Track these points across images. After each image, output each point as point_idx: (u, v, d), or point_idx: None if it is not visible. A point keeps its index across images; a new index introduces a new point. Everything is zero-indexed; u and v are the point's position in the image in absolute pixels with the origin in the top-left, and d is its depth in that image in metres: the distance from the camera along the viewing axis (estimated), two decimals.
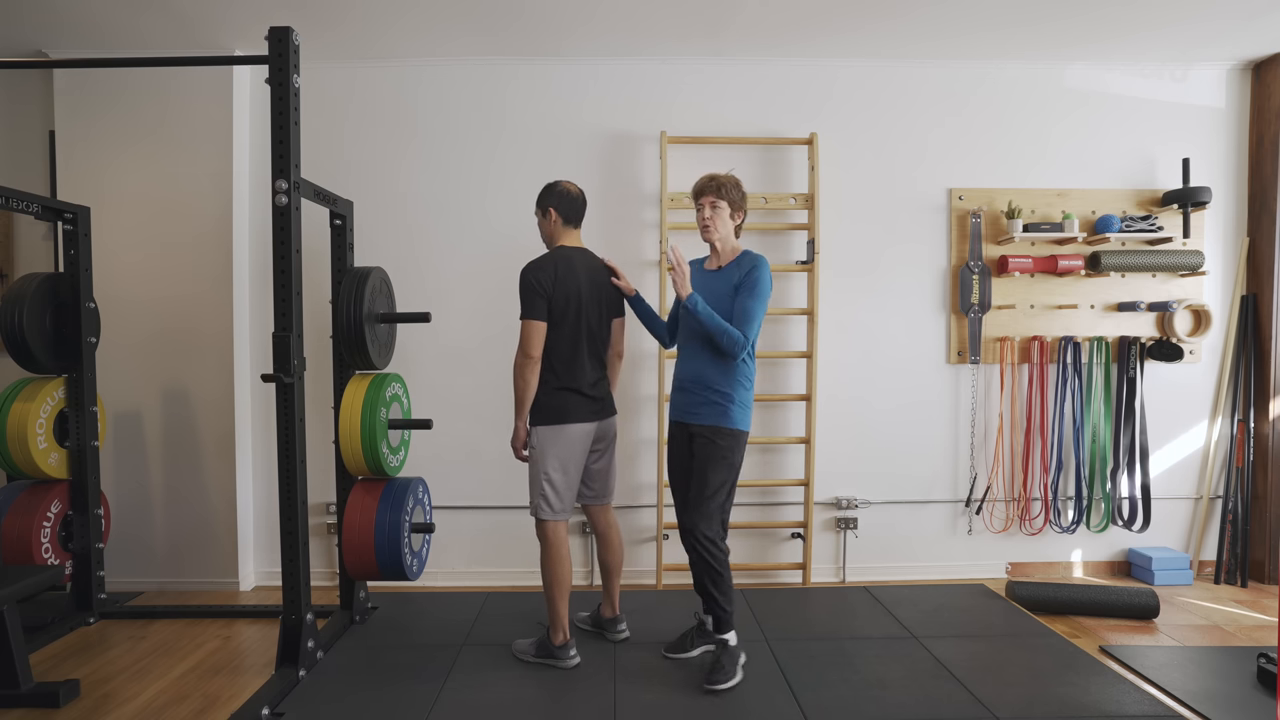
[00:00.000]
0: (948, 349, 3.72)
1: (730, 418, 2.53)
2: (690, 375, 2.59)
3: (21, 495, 3.00)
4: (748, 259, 2.57)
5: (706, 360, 2.55)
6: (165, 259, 3.49)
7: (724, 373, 2.53)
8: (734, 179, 2.62)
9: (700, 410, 2.55)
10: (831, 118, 3.65)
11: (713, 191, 2.58)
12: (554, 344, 2.59)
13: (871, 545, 3.71)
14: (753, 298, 2.50)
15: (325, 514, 3.61)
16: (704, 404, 2.54)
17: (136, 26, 3.26)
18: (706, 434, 2.53)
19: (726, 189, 2.58)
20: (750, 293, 2.50)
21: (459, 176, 3.62)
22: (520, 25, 3.28)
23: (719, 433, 2.52)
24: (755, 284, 2.50)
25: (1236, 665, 2.70)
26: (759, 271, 2.52)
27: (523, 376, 2.58)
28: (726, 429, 2.52)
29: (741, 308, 2.50)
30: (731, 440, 2.53)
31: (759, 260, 2.55)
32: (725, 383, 2.53)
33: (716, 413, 2.53)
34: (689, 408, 2.59)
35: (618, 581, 2.90)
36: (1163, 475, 3.75)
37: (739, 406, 2.54)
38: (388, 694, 2.48)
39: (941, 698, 2.44)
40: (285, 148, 2.45)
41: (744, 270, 2.54)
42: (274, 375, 2.47)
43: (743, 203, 2.62)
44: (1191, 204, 3.57)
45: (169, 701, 2.47)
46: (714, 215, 2.58)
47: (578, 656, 2.68)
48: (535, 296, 2.56)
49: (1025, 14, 3.18)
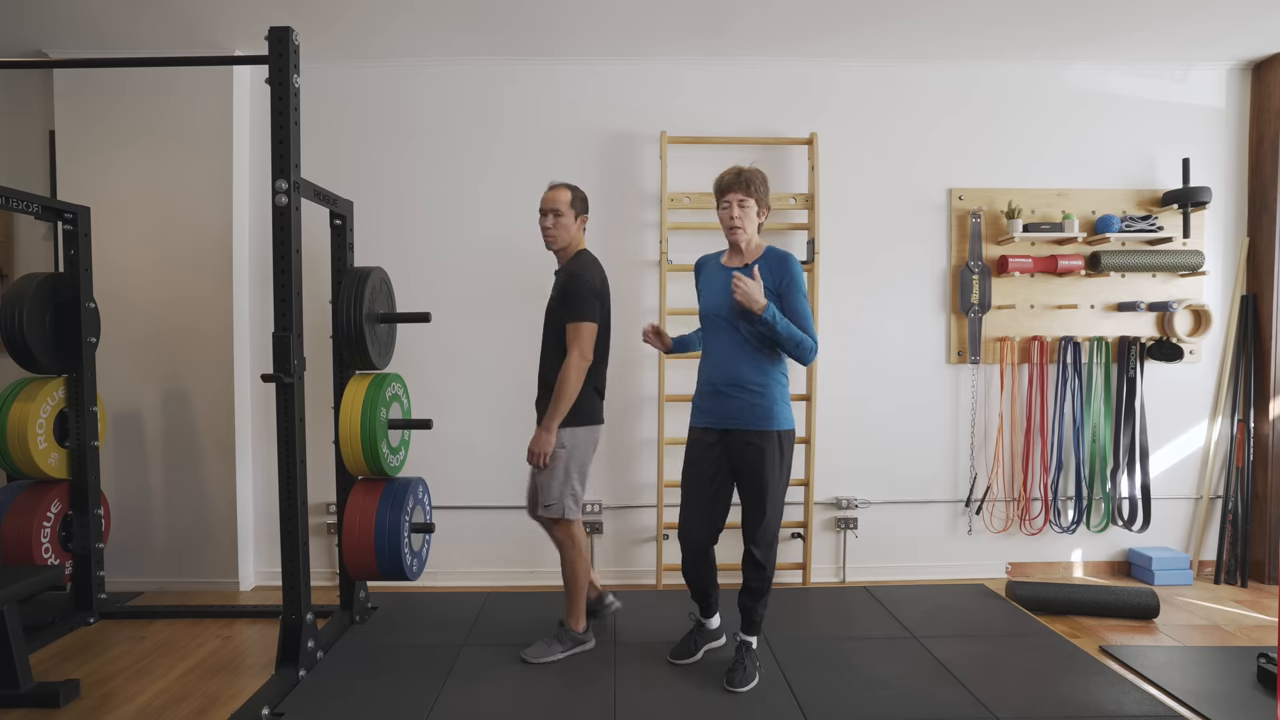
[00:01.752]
0: (948, 349, 3.72)
1: (777, 418, 2.40)
2: (725, 378, 2.42)
3: (21, 495, 3.00)
4: (778, 257, 2.43)
5: (743, 360, 2.40)
6: (165, 259, 3.49)
7: (761, 370, 2.39)
8: (761, 173, 2.46)
9: (741, 415, 2.40)
10: (831, 118, 3.65)
11: (740, 188, 2.41)
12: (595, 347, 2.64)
13: (871, 545, 3.71)
14: (803, 297, 2.40)
15: (325, 514, 3.61)
16: (744, 407, 2.39)
17: (136, 26, 3.26)
18: (754, 440, 2.38)
19: (754, 185, 2.42)
20: (799, 293, 2.39)
21: (458, 176, 3.62)
22: (519, 25, 3.28)
23: (766, 437, 2.39)
24: (798, 283, 2.39)
25: (1236, 665, 2.70)
26: (797, 268, 2.41)
27: (577, 381, 2.55)
28: (774, 431, 2.39)
29: (797, 311, 2.37)
30: (781, 441, 2.41)
31: (790, 258, 2.43)
32: (764, 381, 2.39)
33: (760, 415, 2.38)
34: (727, 412, 2.42)
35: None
36: (1163, 475, 3.75)
37: (782, 404, 2.42)
38: (388, 694, 2.48)
39: (941, 698, 2.44)
40: (285, 148, 2.45)
41: (781, 273, 2.39)
42: (274, 375, 2.47)
43: (768, 197, 2.49)
44: (1191, 204, 3.57)
45: (169, 701, 2.47)
46: (743, 214, 2.42)
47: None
48: (594, 299, 2.58)
49: (1025, 14, 3.18)
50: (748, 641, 2.56)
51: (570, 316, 2.56)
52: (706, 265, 2.61)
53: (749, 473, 2.42)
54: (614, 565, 3.70)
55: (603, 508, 3.68)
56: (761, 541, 2.46)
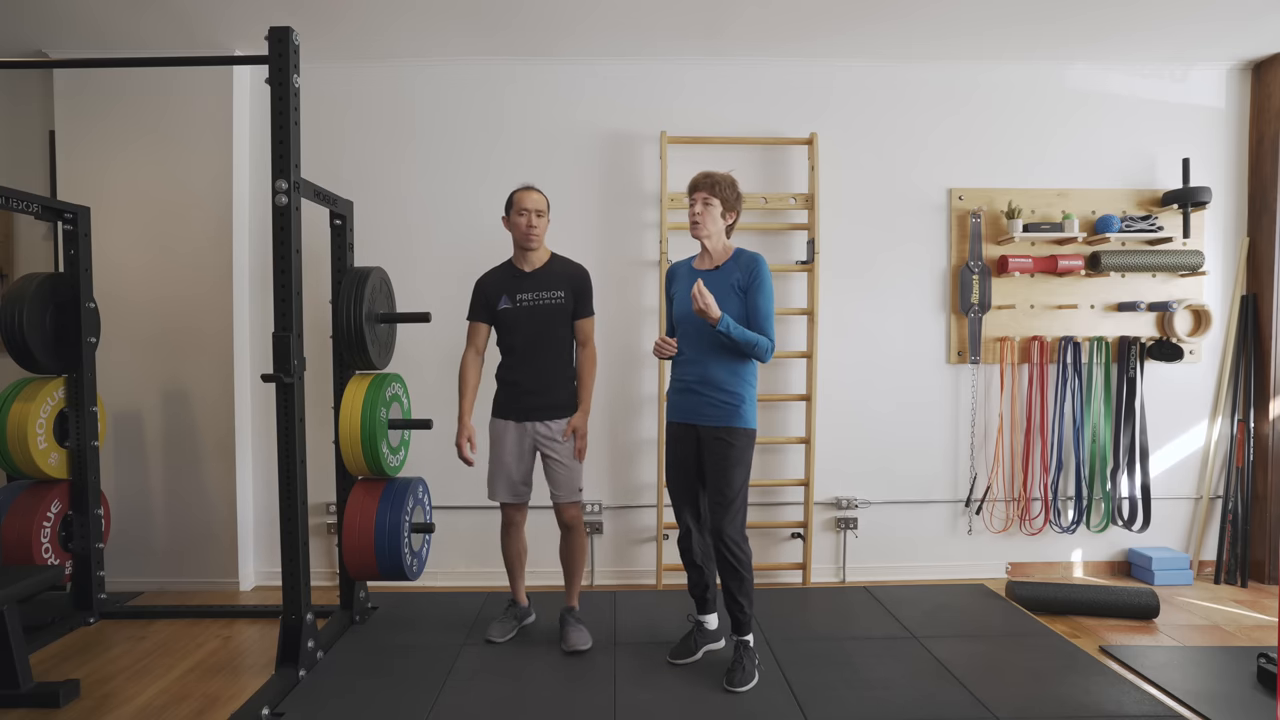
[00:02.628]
0: (948, 349, 3.72)
1: (742, 417, 2.52)
2: (696, 377, 2.55)
3: (21, 495, 3.00)
4: (747, 258, 2.56)
5: (714, 361, 2.52)
6: (165, 259, 3.49)
7: (732, 373, 2.52)
8: (730, 178, 2.59)
9: (709, 411, 2.52)
10: (831, 118, 3.65)
11: (706, 188, 2.55)
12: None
13: (871, 545, 3.71)
14: (766, 298, 2.51)
15: (325, 514, 3.61)
16: (713, 405, 2.52)
17: (136, 26, 3.25)
18: (721, 435, 2.51)
19: (720, 187, 2.55)
20: (762, 294, 2.50)
21: (458, 176, 3.62)
22: (520, 25, 3.28)
23: (733, 433, 2.50)
24: (764, 284, 2.51)
25: (1236, 665, 2.70)
26: (764, 270, 2.53)
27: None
28: (740, 429, 2.51)
29: (759, 311, 2.49)
30: (746, 439, 2.53)
31: (759, 259, 2.55)
32: (734, 383, 2.52)
33: (728, 413, 2.51)
34: (697, 409, 2.55)
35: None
36: (1163, 475, 3.74)
37: (749, 405, 2.54)
38: (388, 694, 2.48)
39: (941, 698, 2.44)
40: (285, 148, 2.45)
41: (748, 271, 2.52)
42: (274, 375, 2.47)
43: (737, 203, 2.59)
44: (1191, 204, 3.57)
45: (169, 701, 2.47)
46: (704, 212, 2.55)
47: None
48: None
49: (1025, 14, 3.18)
50: (744, 640, 2.58)
51: (589, 312, 2.81)
52: (678, 271, 2.71)
53: (715, 467, 2.52)
54: (614, 565, 3.70)
55: (603, 508, 3.68)
56: (731, 528, 2.50)
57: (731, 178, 2.60)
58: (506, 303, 2.75)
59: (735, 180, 2.61)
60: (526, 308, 2.74)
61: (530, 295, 2.74)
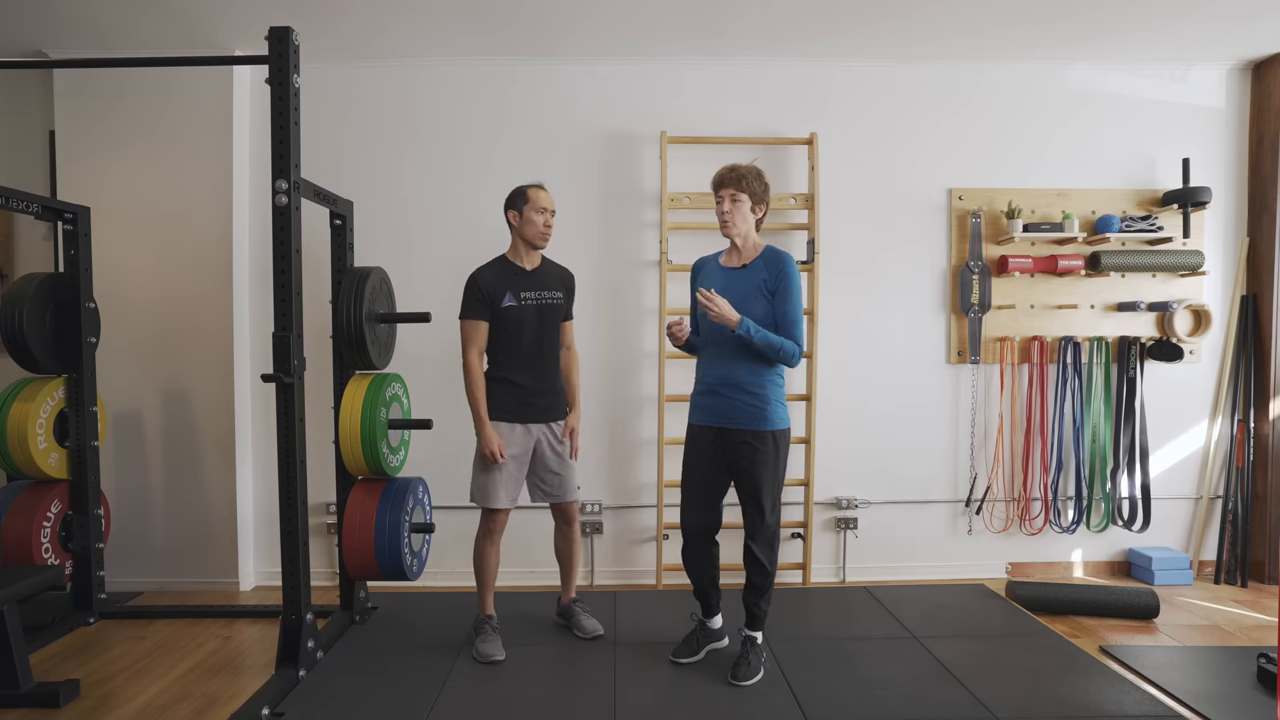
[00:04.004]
0: (948, 349, 3.72)
1: (769, 419, 2.44)
2: (720, 378, 2.47)
3: (21, 495, 3.00)
4: (775, 257, 2.47)
5: (737, 362, 2.44)
6: (165, 259, 3.49)
7: (756, 372, 2.43)
8: (756, 169, 2.49)
9: (736, 415, 2.44)
10: (832, 118, 3.65)
11: (733, 184, 2.45)
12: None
13: (871, 545, 3.71)
14: (794, 302, 2.42)
15: (325, 514, 3.61)
16: (739, 408, 2.44)
17: (136, 26, 3.25)
18: (747, 439, 2.43)
19: (748, 180, 2.45)
20: (790, 297, 2.42)
21: (459, 176, 3.62)
22: (520, 25, 3.28)
23: (759, 436, 2.43)
24: (792, 286, 2.42)
25: (1236, 665, 2.70)
26: (792, 270, 2.44)
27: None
28: (768, 431, 2.43)
29: (787, 315, 2.41)
30: (774, 441, 2.45)
31: (787, 259, 2.46)
32: (758, 383, 2.43)
33: (753, 416, 2.43)
34: (722, 412, 2.47)
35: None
36: (1163, 475, 3.74)
37: (776, 404, 2.46)
38: (388, 694, 2.48)
39: (941, 698, 2.44)
40: (285, 148, 2.45)
41: (775, 272, 2.43)
42: (274, 375, 2.47)
43: (765, 195, 2.50)
44: (1191, 204, 3.57)
45: (169, 701, 2.47)
46: (734, 209, 2.45)
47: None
48: None
49: (1025, 14, 3.18)
50: (752, 636, 2.58)
51: (572, 314, 2.89)
52: (705, 266, 2.62)
53: (744, 472, 2.46)
54: (614, 565, 3.70)
55: (603, 508, 3.68)
56: (761, 540, 2.49)
57: (757, 169, 2.50)
58: (510, 300, 2.70)
59: (761, 170, 2.51)
60: (532, 305, 2.72)
61: (534, 294, 2.73)
